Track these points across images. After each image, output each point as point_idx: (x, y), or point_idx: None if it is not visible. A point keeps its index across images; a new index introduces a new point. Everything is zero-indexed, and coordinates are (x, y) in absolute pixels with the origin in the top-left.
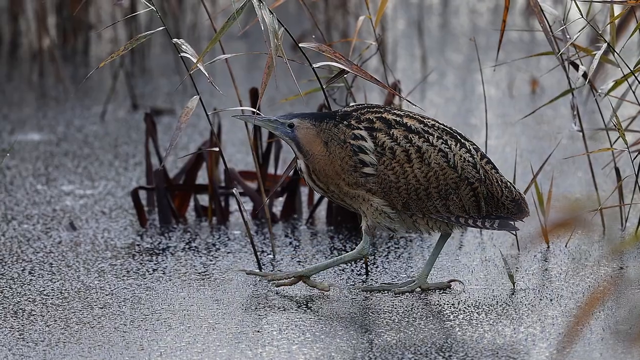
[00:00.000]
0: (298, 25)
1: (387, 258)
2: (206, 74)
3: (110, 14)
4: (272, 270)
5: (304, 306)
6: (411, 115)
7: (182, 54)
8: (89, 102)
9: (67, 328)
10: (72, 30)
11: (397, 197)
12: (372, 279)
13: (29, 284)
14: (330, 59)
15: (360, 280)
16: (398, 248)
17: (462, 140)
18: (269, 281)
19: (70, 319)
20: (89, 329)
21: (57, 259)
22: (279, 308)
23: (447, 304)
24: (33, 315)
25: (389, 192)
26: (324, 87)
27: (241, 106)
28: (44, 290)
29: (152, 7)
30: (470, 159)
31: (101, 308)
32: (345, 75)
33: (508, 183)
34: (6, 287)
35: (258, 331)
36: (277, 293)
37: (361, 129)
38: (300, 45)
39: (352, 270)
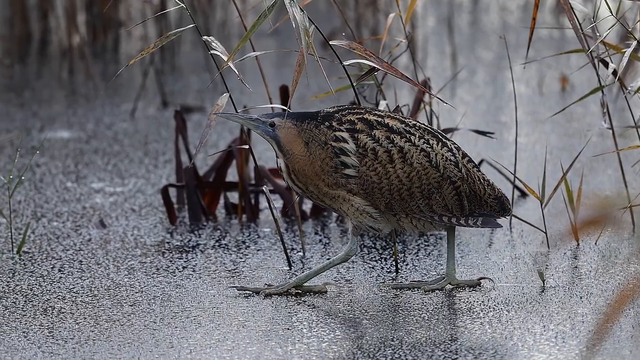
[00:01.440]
0: (328, 23)
1: (417, 255)
2: (236, 71)
3: (140, 11)
4: (265, 285)
5: (334, 304)
6: (392, 115)
7: (212, 52)
8: (119, 99)
9: (97, 326)
10: (102, 28)
11: (380, 198)
12: (402, 277)
13: (58, 282)
14: (360, 57)
15: (390, 278)
16: (428, 245)
17: (444, 140)
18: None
19: (100, 316)
20: (119, 326)
21: (87, 257)
22: (309, 306)
23: (477, 302)
24: (63, 312)
25: (371, 193)
26: (354, 84)
27: (271, 104)
28: (73, 287)
29: (182, 5)
30: (452, 157)
31: (131, 305)
32: (375, 73)
33: (490, 181)
34: (36, 284)
35: (288, 329)
36: (306, 291)
37: (342, 131)
38: (330, 42)
39: (382, 268)
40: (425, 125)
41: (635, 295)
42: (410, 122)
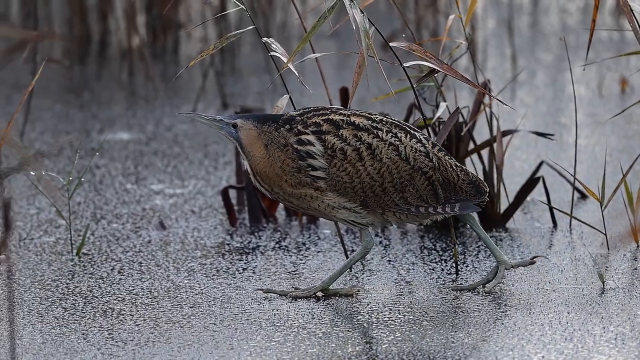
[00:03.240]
0: (388, 24)
1: (477, 257)
2: (296, 73)
3: (199, 12)
4: (292, 288)
5: (394, 305)
6: (358, 113)
7: (272, 53)
8: (179, 100)
9: (157, 327)
10: (161, 29)
11: (354, 197)
12: (462, 278)
13: (118, 283)
14: (420, 58)
15: (450, 280)
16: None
17: (412, 131)
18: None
19: (160, 318)
20: (179, 328)
21: (147, 258)
22: (368, 307)
23: (537, 303)
24: (122, 314)
25: (344, 193)
26: (414, 86)
27: (331, 105)
28: (133, 289)
29: (242, 6)
30: (422, 148)
31: (191, 307)
32: (435, 75)
33: (464, 167)
34: (95, 286)
35: (348, 331)
36: (366, 292)
37: (308, 134)
38: (390, 44)
39: (442, 270)
40: (392, 119)
41: None
42: (376, 117)
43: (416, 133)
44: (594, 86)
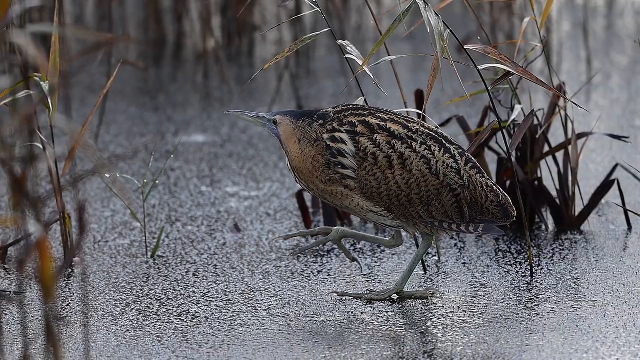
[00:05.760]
0: (463, 27)
1: (552, 260)
2: (371, 75)
3: (275, 15)
4: (367, 290)
5: (469, 308)
6: (396, 119)
7: (347, 56)
8: (254, 103)
9: (231, 330)
10: (236, 32)
11: (380, 202)
12: (536, 281)
13: (193, 286)
14: (495, 61)
15: (525, 282)
16: (563, 250)
17: (447, 145)
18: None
19: (235, 320)
20: (253, 330)
21: (222, 261)
22: (443, 310)
23: (611, 305)
24: (197, 317)
25: (370, 197)
26: (489, 89)
27: (406, 108)
28: (208, 292)
29: (317, 9)
30: (454, 164)
31: (265, 310)
32: (510, 77)
33: (494, 187)
34: (170, 289)
35: (423, 333)
36: (441, 295)
37: (342, 132)
38: (465, 47)
39: (517, 272)
40: (429, 129)
41: None
42: (413, 127)
43: (451, 147)
44: None
